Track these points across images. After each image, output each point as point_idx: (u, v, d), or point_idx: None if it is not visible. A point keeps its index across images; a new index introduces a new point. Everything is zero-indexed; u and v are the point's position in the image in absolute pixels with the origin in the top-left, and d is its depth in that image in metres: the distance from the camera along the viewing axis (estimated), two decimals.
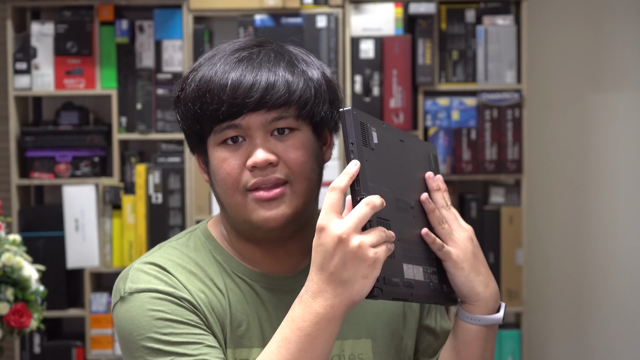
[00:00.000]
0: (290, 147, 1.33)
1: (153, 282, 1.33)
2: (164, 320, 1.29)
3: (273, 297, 1.38)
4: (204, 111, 1.33)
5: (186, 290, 1.33)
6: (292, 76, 1.33)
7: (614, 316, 3.71)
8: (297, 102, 1.33)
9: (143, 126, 3.48)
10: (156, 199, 3.46)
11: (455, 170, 3.46)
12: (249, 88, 1.31)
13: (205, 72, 1.34)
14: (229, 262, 1.40)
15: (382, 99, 3.43)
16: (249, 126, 1.32)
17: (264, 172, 1.32)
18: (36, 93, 3.48)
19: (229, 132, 1.33)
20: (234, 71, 1.32)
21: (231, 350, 1.35)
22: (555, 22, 3.69)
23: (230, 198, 1.34)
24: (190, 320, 1.31)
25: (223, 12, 3.45)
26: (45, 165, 3.48)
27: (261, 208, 1.32)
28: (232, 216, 1.37)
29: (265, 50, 1.37)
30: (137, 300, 1.31)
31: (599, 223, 3.71)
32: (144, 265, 1.36)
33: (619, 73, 3.69)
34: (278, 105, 1.32)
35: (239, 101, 1.31)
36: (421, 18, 3.43)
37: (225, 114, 1.31)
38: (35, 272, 2.75)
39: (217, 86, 1.32)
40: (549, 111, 3.69)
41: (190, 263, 1.38)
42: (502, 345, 3.48)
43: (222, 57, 1.35)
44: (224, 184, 1.34)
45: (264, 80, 1.31)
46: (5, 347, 3.33)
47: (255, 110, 1.31)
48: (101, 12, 3.45)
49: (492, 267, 3.47)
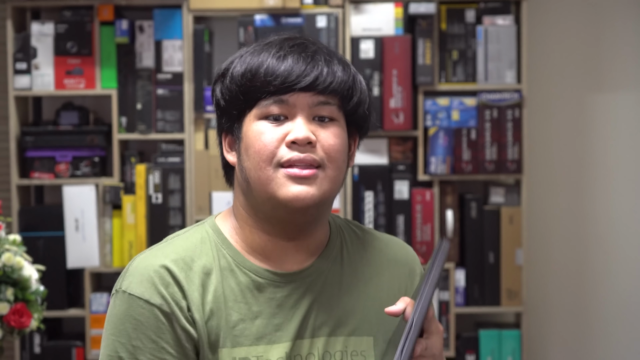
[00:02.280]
0: (329, 132, 1.37)
1: (147, 291, 1.36)
2: (140, 333, 1.35)
3: (278, 294, 1.40)
4: (254, 82, 1.37)
5: (179, 298, 1.36)
6: (344, 72, 1.39)
7: (614, 316, 3.71)
8: (345, 93, 1.39)
9: (143, 126, 3.48)
10: (156, 199, 3.46)
11: (455, 170, 3.46)
12: (304, 68, 1.36)
13: (258, 53, 1.39)
14: (236, 257, 1.41)
15: (382, 99, 3.43)
16: (295, 104, 1.36)
17: (302, 149, 1.35)
18: (36, 93, 3.48)
19: (274, 107, 1.37)
20: (291, 55, 1.37)
21: (228, 350, 1.36)
22: (555, 22, 3.69)
23: (261, 171, 1.36)
24: (161, 342, 1.35)
25: (223, 12, 3.45)
26: (45, 165, 3.48)
27: (292, 183, 1.35)
28: (257, 193, 1.38)
29: (319, 44, 1.42)
30: (127, 302, 1.36)
31: (599, 223, 3.71)
32: (152, 263, 1.38)
33: (619, 73, 3.69)
34: (327, 91, 1.37)
35: (292, 78, 1.35)
36: (421, 18, 3.44)
37: (276, 87, 1.35)
38: (35, 272, 2.75)
39: (272, 62, 1.37)
40: (549, 111, 3.69)
41: (192, 260, 1.39)
42: (502, 345, 3.48)
43: (274, 43, 1.40)
44: (257, 156, 1.36)
45: (319, 67, 1.37)
46: (5, 347, 3.33)
47: (305, 91, 1.36)
48: (101, 12, 3.45)
49: (492, 267, 3.48)
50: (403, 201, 3.46)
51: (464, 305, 3.49)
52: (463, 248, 3.51)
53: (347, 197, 3.46)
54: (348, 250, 1.48)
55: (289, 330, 1.38)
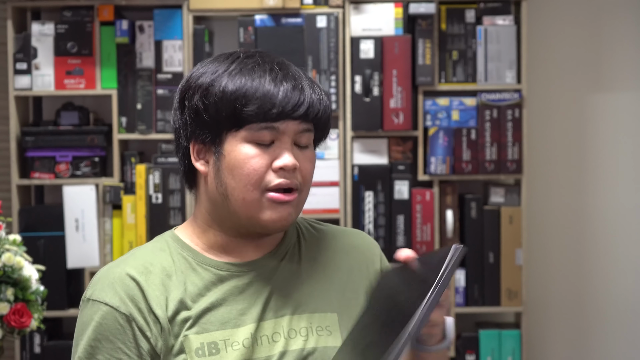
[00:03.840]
0: (307, 158, 1.46)
1: (108, 295, 1.44)
2: (99, 334, 1.43)
3: (240, 282, 1.47)
4: (249, 107, 1.41)
5: (139, 300, 1.43)
6: (323, 97, 1.47)
7: (614, 316, 3.72)
8: (324, 120, 1.47)
9: (143, 126, 3.48)
10: (156, 199, 3.46)
11: (455, 170, 3.46)
12: (298, 99, 1.42)
13: (248, 73, 1.43)
14: (195, 256, 1.48)
15: (382, 99, 3.43)
16: (284, 131, 1.43)
17: (288, 175, 1.43)
18: (36, 93, 3.48)
19: (265, 133, 1.42)
20: (284, 82, 1.43)
21: (195, 336, 1.43)
22: (555, 22, 3.69)
23: (247, 194, 1.43)
24: (119, 341, 1.42)
25: (223, 12, 3.45)
26: (46, 165, 3.48)
27: (274, 210, 1.43)
28: (237, 211, 1.45)
29: (293, 68, 1.48)
30: (91, 309, 1.46)
31: (599, 223, 3.71)
32: (114, 272, 1.46)
33: (619, 73, 3.69)
34: (314, 120, 1.45)
35: (288, 108, 1.41)
36: (421, 18, 3.44)
37: (273, 116, 1.41)
38: (36, 272, 2.75)
39: (269, 90, 1.42)
40: (549, 111, 3.69)
41: (152, 264, 1.46)
42: (502, 345, 3.48)
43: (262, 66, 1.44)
44: (246, 179, 1.42)
45: (309, 96, 1.44)
46: (6, 347, 3.33)
47: (295, 119, 1.43)
48: (101, 12, 3.45)
49: (492, 267, 3.48)
50: (403, 201, 3.46)
51: (464, 305, 3.49)
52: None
53: (347, 197, 3.46)
54: (305, 239, 1.55)
55: (253, 313, 1.45)
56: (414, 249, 3.45)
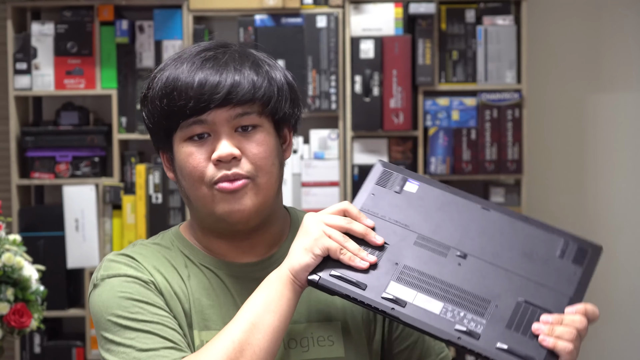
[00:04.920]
0: (253, 142, 1.39)
1: (123, 268, 1.41)
2: (132, 300, 1.37)
3: (237, 284, 1.43)
4: (171, 107, 1.38)
5: (152, 277, 1.41)
6: (257, 76, 1.40)
7: (614, 316, 3.72)
8: (261, 99, 1.39)
9: (143, 126, 3.48)
10: (156, 199, 3.46)
11: (455, 170, 3.46)
12: (216, 85, 1.37)
13: (172, 71, 1.40)
14: (195, 254, 1.46)
15: (382, 99, 3.43)
16: (214, 121, 1.38)
17: (228, 166, 1.38)
18: (36, 93, 3.48)
19: (196, 127, 1.39)
20: (201, 70, 1.38)
21: (197, 332, 1.40)
22: (555, 22, 3.69)
23: (197, 191, 1.40)
24: (155, 302, 1.38)
25: (223, 12, 3.45)
26: (46, 165, 3.48)
27: (226, 202, 1.38)
28: (199, 209, 1.43)
29: (230, 51, 1.43)
30: (108, 284, 1.40)
31: (599, 223, 3.71)
32: (115, 256, 1.44)
33: (619, 73, 3.69)
34: (243, 102, 1.38)
35: (205, 97, 1.37)
36: (421, 18, 3.44)
37: (192, 109, 1.37)
38: (36, 272, 2.74)
39: (184, 83, 1.38)
40: (549, 111, 3.69)
41: (157, 256, 1.44)
42: None
43: (188, 58, 1.41)
44: (190, 177, 1.39)
45: (230, 78, 1.38)
46: (6, 347, 3.33)
47: (221, 107, 1.37)
48: (101, 12, 3.45)
49: None
50: None
51: None
52: None
53: (347, 197, 3.46)
54: None
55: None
56: None
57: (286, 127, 1.46)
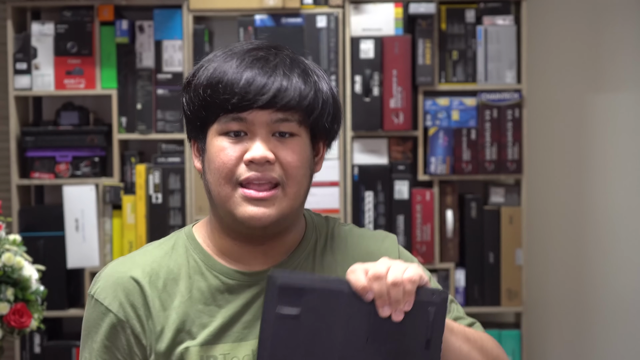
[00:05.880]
0: (288, 149, 1.37)
1: (108, 298, 1.42)
2: (96, 335, 1.42)
3: (247, 293, 1.42)
4: (214, 99, 1.37)
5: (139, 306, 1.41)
6: (305, 85, 1.38)
7: (614, 316, 3.72)
8: (305, 109, 1.38)
9: (143, 126, 3.48)
10: (156, 199, 3.46)
11: (455, 170, 3.46)
12: (262, 86, 1.35)
13: (220, 64, 1.39)
14: (205, 260, 1.44)
15: (382, 99, 3.43)
16: (253, 122, 1.36)
17: (260, 169, 1.36)
18: (36, 93, 3.48)
19: (233, 124, 1.37)
20: (250, 68, 1.37)
21: (196, 348, 1.39)
22: (555, 22, 3.69)
23: (220, 188, 1.38)
24: (113, 346, 1.41)
25: (223, 12, 3.45)
26: (46, 165, 3.48)
27: (248, 205, 1.36)
28: (218, 207, 1.41)
29: (281, 55, 1.40)
30: (93, 306, 1.44)
31: (599, 223, 3.71)
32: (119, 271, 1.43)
33: (619, 73, 3.69)
34: (286, 108, 1.36)
35: (250, 96, 1.35)
36: (421, 18, 3.44)
37: (234, 105, 1.35)
38: (36, 272, 2.75)
39: (231, 78, 1.36)
40: (549, 111, 3.69)
41: (160, 267, 1.43)
42: (502, 345, 3.48)
43: (238, 53, 1.39)
44: (217, 172, 1.37)
45: (278, 82, 1.35)
46: (5, 347, 3.33)
47: (264, 109, 1.35)
48: (101, 12, 3.45)
49: (492, 267, 3.48)
50: (403, 201, 3.46)
51: (464, 305, 3.49)
52: (463, 248, 3.51)
53: (347, 197, 3.46)
54: (321, 249, 1.48)
55: (257, 328, 1.38)
56: (414, 249, 3.46)
57: (322, 140, 1.44)
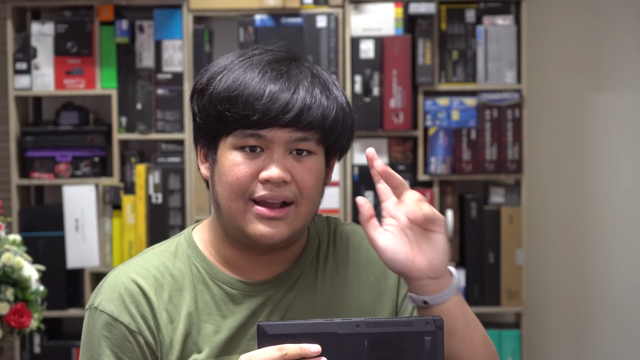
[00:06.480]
0: (305, 168, 1.34)
1: (117, 309, 1.37)
2: (107, 349, 1.36)
3: (252, 303, 1.39)
4: (233, 113, 1.31)
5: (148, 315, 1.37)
6: (327, 101, 1.33)
7: (614, 316, 3.72)
8: (327, 128, 1.34)
9: (143, 126, 3.48)
10: (156, 199, 3.46)
11: (455, 170, 3.46)
12: (286, 104, 1.30)
13: (240, 74, 1.33)
14: (208, 269, 1.41)
15: (382, 99, 3.43)
16: (272, 139, 1.32)
17: (275, 188, 1.32)
18: (36, 93, 3.48)
19: (250, 140, 1.32)
20: (273, 83, 1.31)
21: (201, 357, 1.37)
22: (555, 22, 3.69)
23: (231, 202, 1.34)
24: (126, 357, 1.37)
25: (223, 12, 3.45)
26: (45, 165, 3.48)
27: (260, 223, 1.33)
28: (227, 220, 1.37)
29: (302, 67, 1.36)
30: (98, 318, 1.38)
31: (599, 223, 3.71)
32: (123, 280, 1.39)
33: (619, 73, 3.69)
34: (308, 128, 1.32)
35: (272, 114, 1.30)
36: (421, 18, 3.44)
37: (254, 122, 1.30)
38: (35, 272, 2.75)
39: (252, 93, 1.31)
40: (549, 111, 3.69)
41: (163, 277, 1.40)
42: (502, 345, 3.48)
43: (258, 64, 1.34)
44: (229, 187, 1.33)
45: (301, 100, 1.31)
46: (5, 347, 3.33)
47: (285, 127, 1.31)
48: (101, 12, 3.45)
49: (492, 267, 3.48)
50: None
51: None
52: (463, 248, 3.51)
53: (347, 197, 3.46)
54: (324, 255, 1.46)
55: None
56: None
57: (334, 155, 1.41)
